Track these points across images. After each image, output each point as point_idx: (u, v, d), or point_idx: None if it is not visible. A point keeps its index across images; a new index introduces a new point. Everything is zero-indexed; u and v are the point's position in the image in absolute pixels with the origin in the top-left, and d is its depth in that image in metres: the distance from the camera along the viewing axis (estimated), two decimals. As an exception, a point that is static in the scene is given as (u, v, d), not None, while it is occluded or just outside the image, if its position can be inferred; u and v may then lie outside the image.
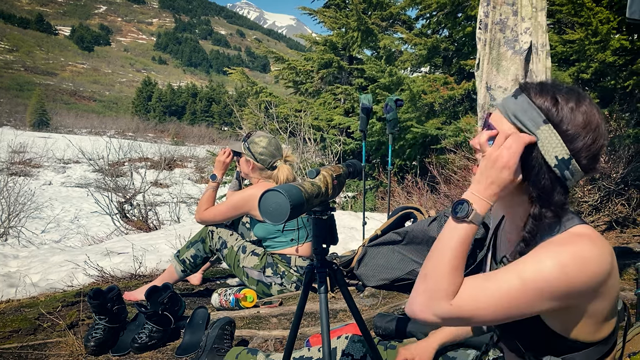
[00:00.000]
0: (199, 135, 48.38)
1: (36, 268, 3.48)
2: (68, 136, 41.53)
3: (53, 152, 22.73)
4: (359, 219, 4.14)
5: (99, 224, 10.61)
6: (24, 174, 17.42)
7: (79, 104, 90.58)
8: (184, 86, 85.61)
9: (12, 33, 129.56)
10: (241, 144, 2.70)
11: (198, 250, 2.65)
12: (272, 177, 2.62)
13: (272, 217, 1.13)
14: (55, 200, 13.12)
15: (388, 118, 3.35)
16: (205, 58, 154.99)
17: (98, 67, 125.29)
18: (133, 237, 4.68)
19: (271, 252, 2.62)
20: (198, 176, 20.33)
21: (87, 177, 18.84)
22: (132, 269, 3.16)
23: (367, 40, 8.27)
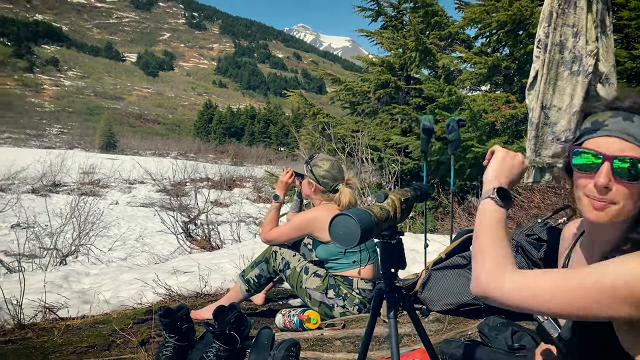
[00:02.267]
0: (257, 155, 49.37)
1: (107, 285, 3.65)
2: (134, 158, 43.49)
3: (120, 173, 23.75)
4: (420, 240, 4.08)
5: (163, 242, 10.98)
6: (93, 194, 18.24)
7: (144, 126, 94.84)
8: (243, 108, 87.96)
9: (83, 61, 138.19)
10: (304, 166, 2.75)
11: (262, 270, 2.70)
12: (334, 199, 2.65)
13: (343, 241, 1.14)
14: (122, 219, 13.68)
15: (450, 139, 3.30)
16: (263, 81, 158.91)
17: (162, 91, 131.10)
18: (197, 256, 4.82)
19: (333, 273, 2.63)
20: (256, 196, 20.69)
21: (151, 197, 19.57)
22: (197, 287, 3.25)
23: (426, 60, 8.23)
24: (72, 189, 19.10)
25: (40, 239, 9.20)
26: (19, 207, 11.86)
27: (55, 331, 2.57)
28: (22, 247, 8.68)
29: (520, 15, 6.71)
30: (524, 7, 6.69)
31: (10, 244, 9.98)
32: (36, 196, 16.84)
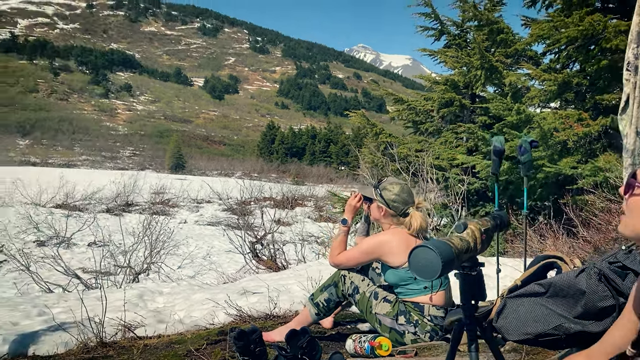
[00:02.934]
0: (318, 174, 49.77)
1: (180, 305, 3.77)
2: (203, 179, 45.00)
3: (188, 193, 24.57)
4: (491, 264, 3.96)
5: (229, 260, 11.23)
6: (163, 213, 18.92)
7: (210, 148, 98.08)
8: (304, 128, 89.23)
9: (154, 86, 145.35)
10: (372, 189, 2.74)
11: (331, 294, 2.70)
12: (405, 224, 2.62)
13: (423, 273, 1.13)
14: (190, 238, 14.12)
15: (522, 160, 3.21)
16: (323, 101, 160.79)
17: (227, 113, 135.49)
18: (264, 276, 4.90)
19: (403, 299, 2.59)
20: (317, 215, 20.79)
21: (217, 215, 20.10)
22: (267, 309, 3.30)
23: (491, 78, 8.07)
24: (143, 208, 19.96)
25: (114, 256, 9.63)
26: (95, 226, 12.53)
27: (135, 350, 2.68)
28: (99, 264, 9.15)
29: (592, 30, 6.46)
30: (595, 21, 6.44)
31: (87, 261, 10.55)
32: (110, 215, 17.71)
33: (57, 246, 11.03)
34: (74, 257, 10.89)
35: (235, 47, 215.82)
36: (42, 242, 11.87)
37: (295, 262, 6.73)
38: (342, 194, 12.23)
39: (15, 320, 3.57)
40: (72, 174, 33.62)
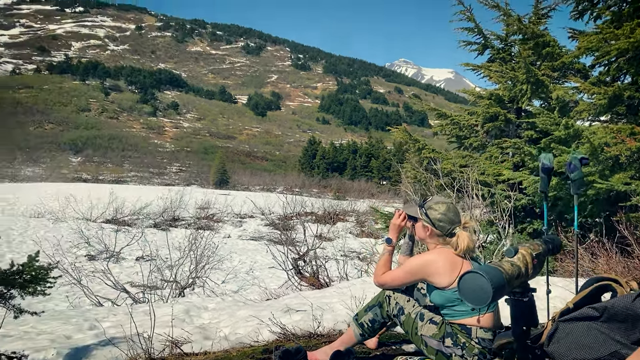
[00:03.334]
0: (359, 189, 49.62)
1: (225, 321, 3.82)
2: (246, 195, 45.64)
3: (232, 208, 24.93)
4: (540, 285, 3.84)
5: (271, 275, 11.31)
6: (208, 228, 19.25)
7: (253, 163, 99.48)
8: (345, 143, 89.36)
9: (200, 104, 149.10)
10: (417, 209, 2.71)
11: (376, 315, 2.68)
12: (451, 244, 2.57)
13: (473, 300, 1.12)
14: (234, 253, 14.30)
15: (572, 178, 3.11)
16: (364, 116, 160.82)
17: (270, 129, 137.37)
18: (307, 293, 4.91)
19: (450, 321, 2.54)
20: (359, 230, 20.69)
21: (260, 230, 20.29)
22: (311, 327, 3.30)
23: (538, 92, 7.88)
24: (189, 223, 20.38)
25: (161, 271, 9.84)
26: (143, 241, 12.87)
27: (182, 366, 2.73)
28: (146, 278, 9.38)
29: (645, 41, 6.23)
30: (649, 32, 6.21)
31: (135, 275, 10.84)
32: (158, 230, 18.15)
33: (106, 260, 11.38)
34: (123, 271, 11.21)
35: (278, 65, 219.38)
36: (93, 256, 12.27)
37: (337, 279, 6.71)
38: (384, 210, 12.13)
39: (68, 334, 3.70)
40: (121, 190, 34.74)
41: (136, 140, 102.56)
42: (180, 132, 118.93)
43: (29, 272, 2.68)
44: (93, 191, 31.86)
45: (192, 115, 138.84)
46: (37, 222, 17.35)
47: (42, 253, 7.30)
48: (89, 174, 65.44)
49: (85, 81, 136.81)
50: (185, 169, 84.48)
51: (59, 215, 19.11)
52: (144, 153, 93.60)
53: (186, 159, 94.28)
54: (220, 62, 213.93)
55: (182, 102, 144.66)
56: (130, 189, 42.55)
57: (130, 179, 65.50)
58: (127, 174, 71.11)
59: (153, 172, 76.45)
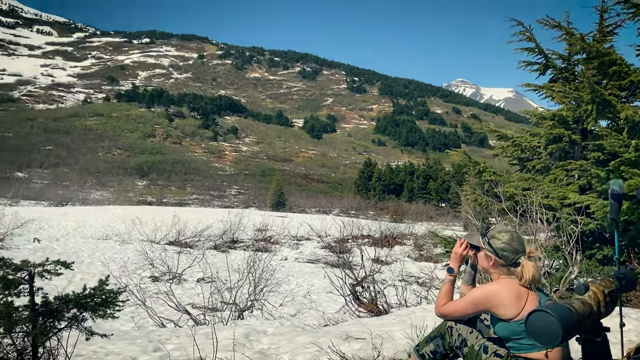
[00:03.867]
0: (417, 212, 48.85)
1: (285, 347, 3.84)
2: (301, 215, 46.00)
3: (288, 230, 25.15)
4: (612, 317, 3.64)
5: (328, 299, 11.26)
6: (265, 250, 19.47)
7: (309, 185, 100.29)
8: (401, 165, 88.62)
9: (258, 128, 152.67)
10: (479, 237, 2.65)
11: (437, 346, 2.62)
12: (516, 274, 2.49)
13: (542, 339, 1.08)
14: (291, 276, 14.36)
15: (646, 204, 2.96)
16: (421, 137, 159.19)
17: (326, 152, 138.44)
18: (366, 320, 4.86)
19: (516, 354, 2.44)
20: (417, 254, 20.33)
21: (316, 253, 20.31)
22: (370, 357, 3.26)
23: (604, 112, 7.54)
24: (247, 245, 20.72)
25: (221, 293, 10.02)
26: (204, 263, 13.19)
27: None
28: (207, 300, 9.58)
29: None
30: None
31: (196, 297, 11.09)
32: (217, 252, 18.54)
33: (169, 282, 11.72)
34: (185, 292, 11.50)
35: (334, 88, 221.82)
36: (156, 277, 12.67)
37: (396, 305, 6.60)
38: (443, 233, 11.88)
39: (134, 355, 3.84)
40: (183, 212, 35.86)
41: (198, 164, 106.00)
42: (239, 156, 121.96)
43: (100, 295, 2.80)
44: (157, 214, 33.06)
45: (251, 139, 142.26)
46: (105, 244, 18.16)
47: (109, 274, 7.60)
48: (154, 197, 68.06)
49: (151, 108, 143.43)
50: (243, 191, 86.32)
51: (125, 237, 19.93)
52: (205, 176, 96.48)
53: (245, 181, 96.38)
54: (277, 87, 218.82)
55: (241, 126, 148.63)
56: (192, 211, 43.87)
57: (192, 202, 67.56)
58: (189, 197, 73.42)
59: (213, 194, 78.58)
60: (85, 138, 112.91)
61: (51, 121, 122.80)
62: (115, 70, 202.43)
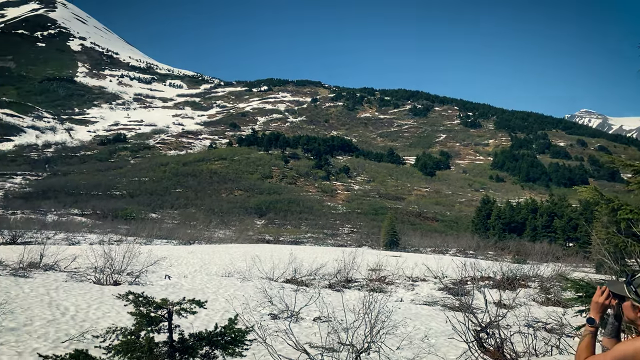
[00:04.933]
0: (542, 252, 45.57)
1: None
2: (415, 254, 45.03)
3: (403, 270, 24.69)
4: None
5: (448, 344, 10.77)
6: (380, 290, 19.23)
7: (423, 224, 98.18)
8: (522, 202, 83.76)
9: (369, 166, 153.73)
10: (624, 286, 2.42)
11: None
12: (670, 327, 2.23)
13: None
14: (408, 319, 13.99)
15: None
16: (543, 172, 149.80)
17: (439, 189, 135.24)
18: (491, 370, 4.58)
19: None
20: (544, 297, 18.89)
21: (433, 295, 19.65)
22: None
23: None
24: (361, 285, 20.63)
25: (337, 333, 10.02)
26: (320, 302, 13.33)
27: None
28: (324, 340, 9.62)
29: None
30: None
31: (313, 336, 11.19)
32: (332, 291, 18.66)
33: (288, 320, 11.98)
34: (302, 331, 11.66)
35: (446, 124, 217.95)
36: (275, 315, 13.02)
37: (523, 353, 6.15)
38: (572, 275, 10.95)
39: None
40: (299, 251, 36.79)
41: (311, 203, 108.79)
42: (352, 194, 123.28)
43: (230, 334, 2.94)
44: (275, 252, 34.26)
45: (363, 177, 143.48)
46: (228, 281, 19.11)
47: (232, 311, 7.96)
48: (271, 235, 70.73)
49: (269, 151, 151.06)
50: (356, 230, 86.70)
51: (246, 274, 20.83)
52: (319, 215, 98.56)
53: (357, 220, 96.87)
54: (388, 126, 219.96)
55: (352, 165, 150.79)
56: (307, 249, 44.86)
57: (307, 240, 69.13)
58: (304, 235, 75.28)
59: (327, 233, 79.81)
60: (210, 180, 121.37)
61: (181, 166, 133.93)
62: (237, 117, 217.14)
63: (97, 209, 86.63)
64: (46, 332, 10.12)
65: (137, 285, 16.90)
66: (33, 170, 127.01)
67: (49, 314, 11.58)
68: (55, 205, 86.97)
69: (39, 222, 57.10)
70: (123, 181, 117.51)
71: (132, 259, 18.43)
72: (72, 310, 12.10)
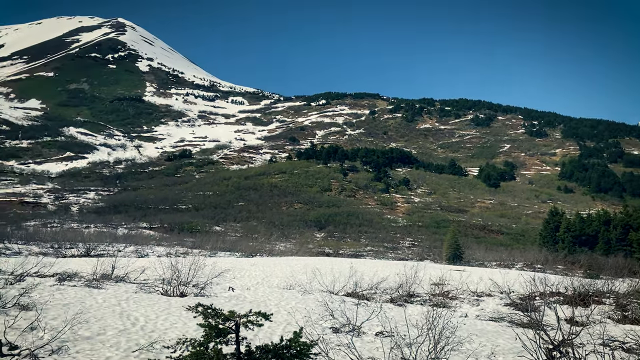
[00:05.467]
0: (616, 266, 43.10)
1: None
2: (480, 269, 43.73)
3: (467, 285, 24.04)
4: None
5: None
6: (443, 305, 18.81)
7: (487, 237, 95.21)
8: (594, 214, 79.58)
9: (430, 178, 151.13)
10: None
11: None
12: None
13: None
14: (474, 335, 13.58)
15: None
16: (616, 182, 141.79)
17: (504, 201, 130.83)
18: (565, 390, 4.36)
19: None
20: (619, 315, 17.85)
21: (499, 310, 19.01)
22: None
23: None
24: (424, 299, 20.25)
25: (401, 348, 9.87)
26: (382, 316, 13.19)
27: None
28: (387, 355, 9.50)
29: None
30: None
31: (375, 351, 11.08)
32: (394, 305, 18.43)
33: (350, 334, 11.94)
34: (364, 345, 11.58)
35: (510, 134, 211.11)
36: (337, 329, 13.00)
37: (600, 375, 5.82)
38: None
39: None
40: (359, 264, 36.63)
41: (371, 216, 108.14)
42: (412, 207, 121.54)
43: (295, 347, 2.98)
44: (335, 265, 34.28)
45: (423, 189, 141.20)
46: (289, 294, 19.29)
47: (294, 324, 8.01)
48: (331, 248, 70.81)
49: (327, 164, 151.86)
50: (417, 243, 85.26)
51: (307, 287, 20.95)
52: (378, 228, 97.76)
53: (418, 233, 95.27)
54: (449, 137, 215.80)
55: (412, 177, 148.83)
56: (367, 263, 44.58)
57: (367, 253, 68.69)
58: (364, 248, 74.83)
59: (387, 246, 78.96)
60: (271, 194, 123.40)
61: (243, 179, 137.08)
62: (296, 131, 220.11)
63: (164, 222, 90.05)
64: (118, 342, 10.59)
65: (202, 297, 17.40)
66: (105, 186, 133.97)
67: (120, 324, 12.13)
68: (126, 219, 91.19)
69: (111, 235, 60.03)
70: (188, 195, 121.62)
71: (198, 271, 19.00)
72: (141, 321, 12.61)
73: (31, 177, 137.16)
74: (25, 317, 11.14)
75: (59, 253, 34.62)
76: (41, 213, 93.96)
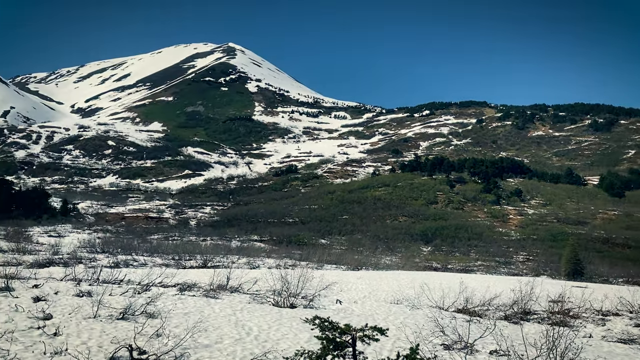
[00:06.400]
0: None
1: None
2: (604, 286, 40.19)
3: (590, 303, 22.34)
4: None
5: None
6: (564, 324, 17.58)
7: (612, 251, 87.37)
8: None
9: (545, 188, 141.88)
10: None
11: None
12: None
13: None
14: (601, 358, 12.56)
15: None
16: None
17: (631, 212, 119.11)
18: None
19: None
20: None
21: (629, 332, 17.42)
22: None
23: None
24: (542, 317, 19.06)
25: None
26: (497, 334, 12.61)
27: None
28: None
29: None
30: None
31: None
32: (509, 323, 17.55)
33: (462, 352, 11.57)
34: (478, 364, 11.15)
35: (635, 139, 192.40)
36: (448, 346, 12.65)
37: None
38: None
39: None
40: (469, 279, 35.31)
41: (481, 229, 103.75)
42: (525, 219, 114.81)
43: (412, 360, 3.00)
44: (444, 279, 33.37)
45: (537, 201, 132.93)
46: (397, 309, 19.11)
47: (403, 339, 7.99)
48: (439, 263, 68.94)
49: (432, 176, 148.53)
50: (532, 257, 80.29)
51: (415, 302, 20.61)
52: (489, 242, 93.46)
53: (533, 247, 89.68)
54: (564, 144, 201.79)
55: (525, 188, 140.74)
56: (478, 278, 42.83)
57: (477, 268, 65.95)
58: (474, 263, 71.92)
59: (499, 261, 75.22)
60: (375, 207, 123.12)
61: (347, 193, 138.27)
62: (399, 143, 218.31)
63: (273, 235, 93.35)
64: (234, 350, 11.17)
65: (311, 308, 17.79)
66: (219, 200, 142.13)
67: (235, 333, 12.78)
68: (238, 232, 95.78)
69: (225, 247, 63.33)
70: (295, 209, 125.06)
71: (306, 282, 19.47)
72: (255, 331, 13.19)
73: (154, 194, 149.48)
74: (151, 325, 12.14)
75: (180, 264, 37.17)
76: (163, 227, 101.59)
